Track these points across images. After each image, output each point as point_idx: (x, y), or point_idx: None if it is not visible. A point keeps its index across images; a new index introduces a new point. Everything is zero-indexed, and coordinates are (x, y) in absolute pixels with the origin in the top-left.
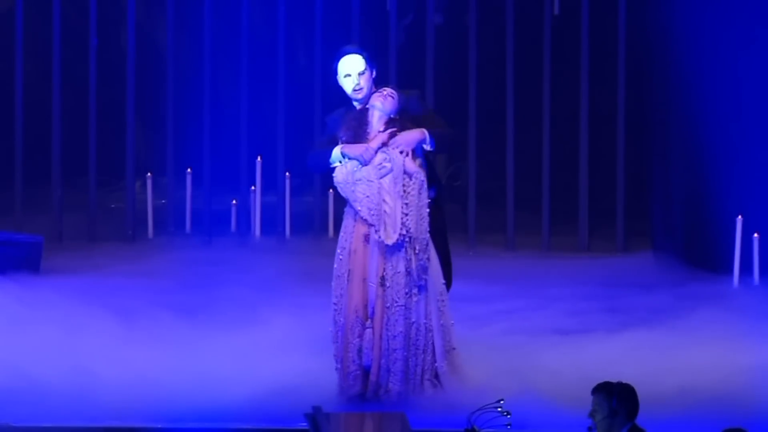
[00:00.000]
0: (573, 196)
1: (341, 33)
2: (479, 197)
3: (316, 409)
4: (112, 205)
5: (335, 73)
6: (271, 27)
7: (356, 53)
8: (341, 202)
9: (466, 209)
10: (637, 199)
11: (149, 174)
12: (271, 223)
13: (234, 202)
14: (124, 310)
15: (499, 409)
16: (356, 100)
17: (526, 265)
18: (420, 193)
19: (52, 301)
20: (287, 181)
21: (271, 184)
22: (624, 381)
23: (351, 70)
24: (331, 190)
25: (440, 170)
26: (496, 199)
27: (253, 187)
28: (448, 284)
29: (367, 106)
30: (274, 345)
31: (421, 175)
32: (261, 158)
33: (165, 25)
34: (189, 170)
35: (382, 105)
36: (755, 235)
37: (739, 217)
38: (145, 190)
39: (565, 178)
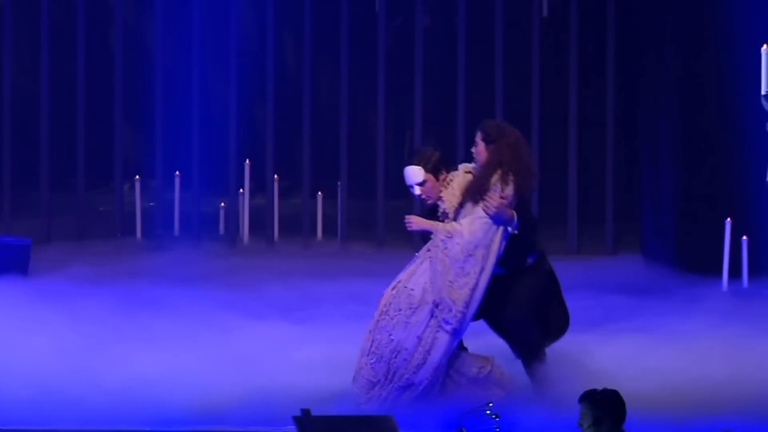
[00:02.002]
0: (562, 199)
1: (330, 35)
2: None
3: (305, 412)
4: (101, 208)
5: None
6: (260, 29)
7: (413, 164)
8: (329, 205)
9: None
10: (627, 201)
11: (138, 176)
12: (260, 225)
13: (222, 204)
14: (113, 313)
15: (488, 412)
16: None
17: None
18: (450, 260)
19: (40, 303)
20: (276, 184)
21: (259, 187)
22: (610, 387)
23: (411, 183)
24: (320, 193)
25: None
26: None
27: (241, 190)
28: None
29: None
30: (261, 347)
31: (451, 242)
32: (249, 161)
33: (154, 26)
34: (177, 173)
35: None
36: (744, 237)
37: (729, 219)
38: (133, 192)
39: (554, 180)
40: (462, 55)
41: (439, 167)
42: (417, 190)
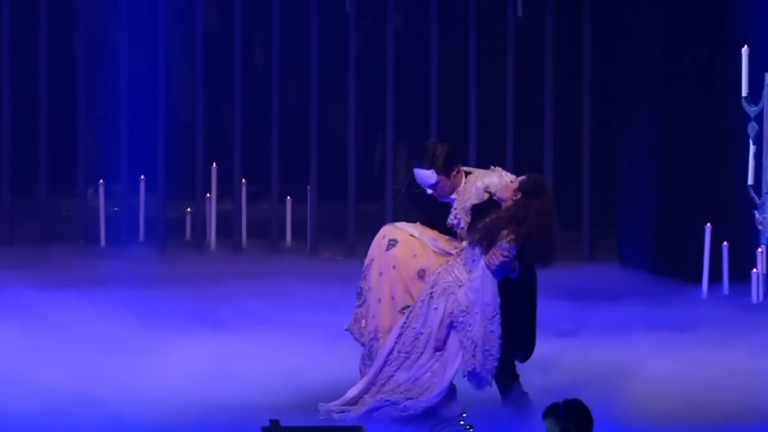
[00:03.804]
0: None
1: (300, 36)
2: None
3: (274, 423)
4: (64, 213)
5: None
6: (227, 29)
7: (422, 168)
8: (299, 210)
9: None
10: (604, 206)
11: (101, 180)
12: (227, 231)
13: (189, 209)
14: (73, 322)
15: (462, 423)
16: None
17: None
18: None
19: (6, 313)
20: (243, 188)
21: (227, 191)
22: (574, 398)
23: (423, 185)
24: (289, 197)
25: (402, 176)
26: None
27: (208, 195)
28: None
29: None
30: (227, 357)
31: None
32: (217, 164)
33: (118, 27)
34: (143, 177)
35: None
36: (725, 243)
37: (708, 224)
38: (97, 197)
39: None
40: (434, 56)
41: (449, 165)
42: (429, 191)
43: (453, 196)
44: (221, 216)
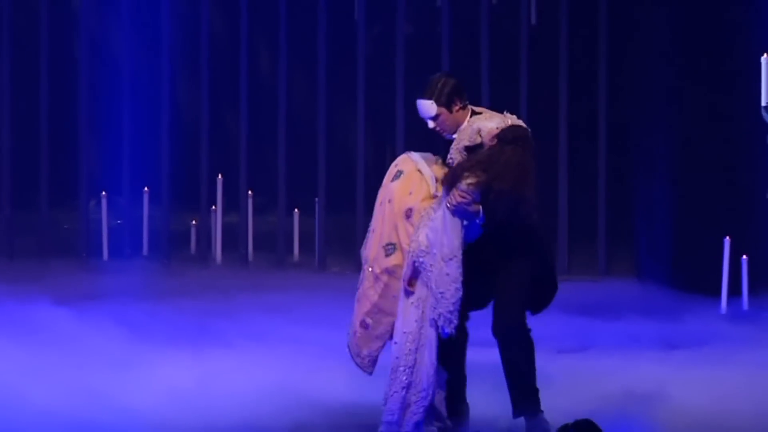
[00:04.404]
0: (552, 216)
1: (308, 45)
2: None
3: None
4: (65, 226)
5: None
6: (233, 38)
7: (424, 98)
8: (306, 223)
9: None
10: (620, 219)
11: (104, 193)
12: (233, 244)
13: (194, 222)
14: (71, 337)
15: None
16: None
17: None
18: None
19: (2, 328)
20: (250, 200)
21: (233, 203)
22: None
23: (424, 117)
24: (296, 210)
25: None
26: None
27: (213, 207)
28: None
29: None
30: (227, 375)
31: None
32: (222, 176)
33: (121, 36)
34: (146, 189)
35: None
36: (744, 256)
37: (727, 238)
38: (99, 209)
39: (542, 196)
40: (446, 65)
41: (452, 99)
42: (431, 124)
43: (455, 136)
44: (227, 229)
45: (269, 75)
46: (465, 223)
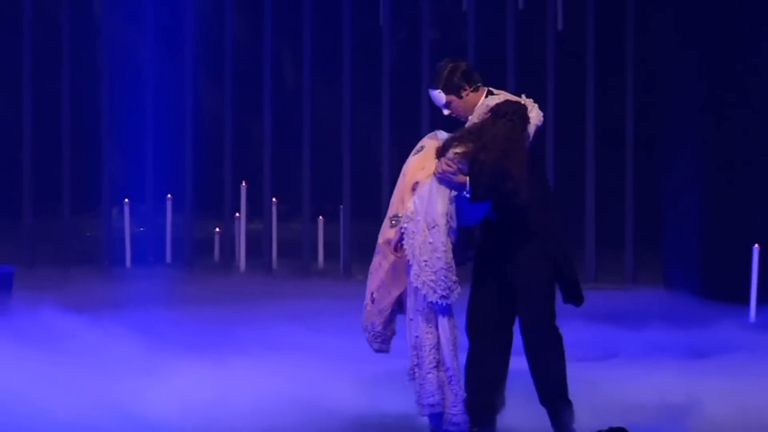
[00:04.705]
0: (578, 224)
1: (332, 51)
2: None
3: None
4: (88, 233)
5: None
6: (257, 42)
7: (432, 88)
8: (331, 230)
9: None
10: (648, 226)
11: (127, 200)
12: (257, 251)
13: (217, 229)
14: (91, 346)
15: None
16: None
17: None
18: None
19: (23, 335)
20: (274, 208)
21: (256, 211)
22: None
23: (438, 106)
24: (321, 217)
25: None
26: None
27: (237, 214)
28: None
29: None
30: (244, 384)
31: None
32: (246, 183)
33: (144, 42)
34: (169, 196)
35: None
36: None
37: (756, 246)
38: (122, 217)
39: (570, 204)
40: None
41: (460, 84)
42: (445, 112)
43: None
44: (251, 236)
45: (293, 81)
46: (453, 193)
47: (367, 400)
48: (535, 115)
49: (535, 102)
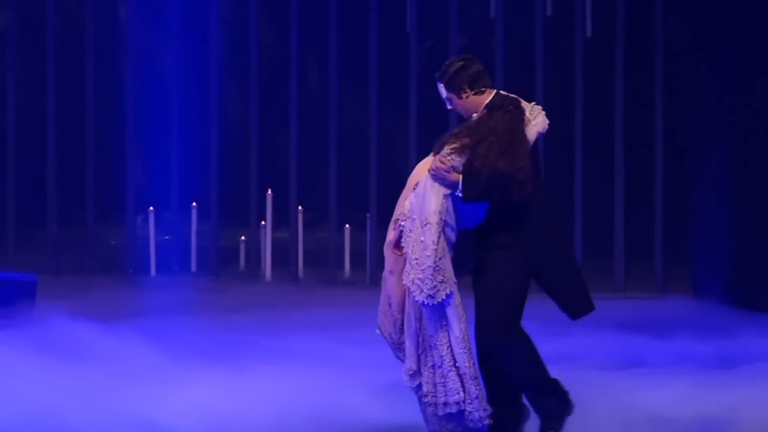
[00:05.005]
0: (607, 232)
1: (359, 58)
2: None
3: None
4: (112, 242)
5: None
6: (283, 50)
7: (438, 80)
8: (357, 239)
9: None
10: (677, 236)
11: (151, 208)
12: (283, 260)
13: (243, 238)
14: (116, 355)
15: None
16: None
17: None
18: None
19: (46, 344)
20: (300, 216)
21: (282, 219)
22: None
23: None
24: (347, 225)
25: None
26: None
27: (263, 222)
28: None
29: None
30: (278, 394)
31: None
32: (272, 191)
33: (168, 50)
34: (194, 204)
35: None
36: None
37: None
38: (147, 225)
39: (598, 212)
40: (500, 77)
41: (461, 86)
42: (448, 105)
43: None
44: (276, 245)
45: (319, 88)
46: (447, 192)
47: (389, 411)
48: (540, 121)
49: (542, 110)
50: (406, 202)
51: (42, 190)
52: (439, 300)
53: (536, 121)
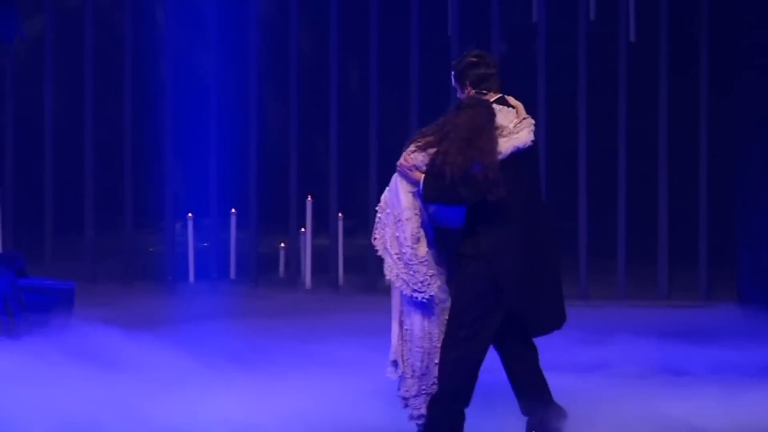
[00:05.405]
0: (651, 239)
1: (399, 63)
2: None
3: None
4: (150, 248)
5: None
6: (323, 57)
7: (452, 69)
8: None
9: None
10: (722, 241)
11: (190, 214)
12: (323, 267)
13: (282, 245)
14: (154, 364)
15: None
16: None
17: (598, 315)
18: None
19: (84, 351)
20: (340, 223)
21: (322, 226)
22: None
23: None
24: None
25: None
26: (566, 241)
27: (303, 229)
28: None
29: None
30: (315, 405)
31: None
32: (312, 198)
33: (207, 56)
34: (233, 210)
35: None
36: None
37: None
38: (185, 232)
39: (642, 219)
40: (542, 83)
41: (462, 82)
42: (459, 94)
43: None
44: (316, 252)
45: (360, 94)
46: (413, 189)
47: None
48: (523, 136)
49: (532, 123)
50: (382, 195)
51: (80, 197)
52: (428, 295)
53: (519, 135)
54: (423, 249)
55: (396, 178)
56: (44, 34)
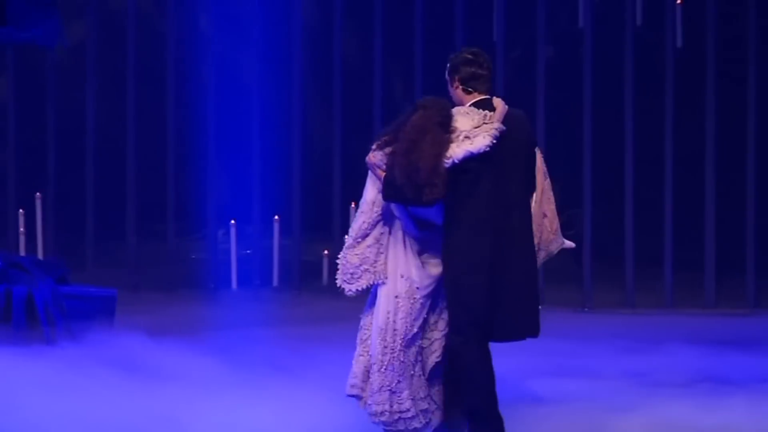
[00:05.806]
0: (698, 247)
1: (443, 68)
2: (594, 248)
3: None
4: (193, 256)
5: None
6: (366, 63)
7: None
8: None
9: (580, 261)
10: None
11: (233, 221)
12: None
13: (326, 252)
14: (195, 372)
15: None
16: None
17: (645, 323)
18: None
19: (125, 359)
20: None
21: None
22: None
23: None
24: None
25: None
26: (613, 250)
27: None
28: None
29: None
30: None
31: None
32: (355, 204)
33: (250, 62)
34: (276, 217)
35: None
36: None
37: None
38: (228, 239)
39: (689, 227)
40: (588, 88)
41: (451, 75)
42: None
43: None
44: None
45: (403, 100)
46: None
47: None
48: (478, 142)
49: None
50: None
51: (122, 204)
52: (359, 288)
53: (474, 140)
54: (364, 246)
55: (368, 175)
56: (86, 41)
